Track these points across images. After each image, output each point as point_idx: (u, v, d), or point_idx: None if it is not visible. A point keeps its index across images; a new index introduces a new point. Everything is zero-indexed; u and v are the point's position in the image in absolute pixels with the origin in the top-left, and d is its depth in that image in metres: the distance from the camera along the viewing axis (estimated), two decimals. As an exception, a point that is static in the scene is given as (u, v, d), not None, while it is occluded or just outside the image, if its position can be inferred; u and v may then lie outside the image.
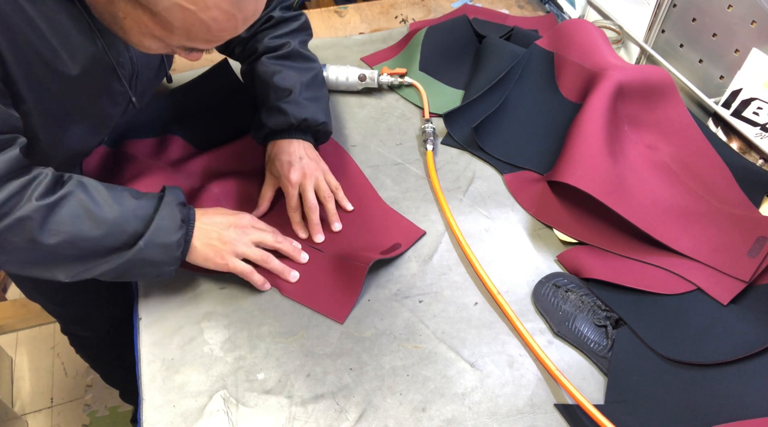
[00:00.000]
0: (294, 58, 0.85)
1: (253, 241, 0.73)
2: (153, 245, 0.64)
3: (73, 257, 0.62)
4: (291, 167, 0.79)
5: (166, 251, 0.66)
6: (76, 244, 0.61)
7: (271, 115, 0.82)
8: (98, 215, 0.62)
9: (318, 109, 0.83)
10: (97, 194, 0.63)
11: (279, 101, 0.81)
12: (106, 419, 1.52)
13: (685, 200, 0.82)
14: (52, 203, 0.59)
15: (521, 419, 0.63)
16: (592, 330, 0.70)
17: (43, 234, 0.59)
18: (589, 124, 0.84)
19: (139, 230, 0.64)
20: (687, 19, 0.98)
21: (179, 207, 0.67)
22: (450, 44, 1.08)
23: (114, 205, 0.63)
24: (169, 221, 0.66)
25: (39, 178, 0.60)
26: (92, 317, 1.09)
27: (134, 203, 0.65)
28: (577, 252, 0.78)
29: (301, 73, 0.84)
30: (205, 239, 0.70)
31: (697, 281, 0.73)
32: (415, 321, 0.72)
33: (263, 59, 0.84)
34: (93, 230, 0.61)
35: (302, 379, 0.66)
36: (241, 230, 0.73)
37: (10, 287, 1.77)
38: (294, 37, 0.86)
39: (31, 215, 0.58)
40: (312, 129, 0.83)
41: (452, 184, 0.89)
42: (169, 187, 0.70)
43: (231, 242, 0.71)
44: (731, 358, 0.65)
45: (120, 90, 0.70)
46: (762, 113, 0.86)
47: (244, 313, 0.72)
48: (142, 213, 0.65)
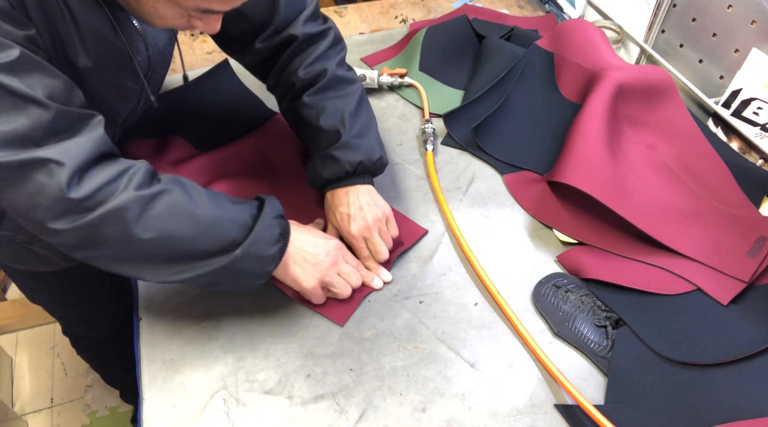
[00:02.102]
0: (335, 87, 0.78)
1: (341, 271, 0.71)
2: (249, 256, 0.61)
3: (164, 257, 0.59)
4: (352, 220, 0.75)
5: (260, 264, 0.63)
6: (169, 242, 0.58)
7: (324, 164, 0.76)
8: (195, 213, 0.59)
9: (371, 144, 0.77)
10: (196, 193, 0.61)
11: (330, 148, 0.76)
12: (106, 419, 1.52)
13: (685, 200, 0.82)
14: (151, 195, 0.57)
15: (521, 419, 0.63)
16: (592, 330, 0.70)
17: (138, 228, 0.56)
18: (589, 125, 0.84)
19: (236, 236, 0.61)
20: (687, 19, 0.98)
21: (278, 220, 0.65)
22: (450, 44, 1.08)
23: (211, 206, 0.61)
24: (268, 232, 0.63)
25: (134, 168, 0.58)
26: (94, 318, 1.10)
27: (233, 207, 0.63)
28: (577, 252, 0.78)
29: (346, 102, 0.78)
30: (300, 259, 0.68)
31: (697, 281, 0.73)
32: (415, 322, 0.72)
33: (304, 99, 0.78)
34: (188, 229, 0.59)
35: (302, 379, 0.66)
36: (334, 258, 0.71)
37: (10, 287, 1.77)
38: (328, 59, 0.79)
39: (128, 206, 0.55)
40: (369, 169, 0.78)
41: (452, 184, 0.89)
42: (268, 198, 0.67)
43: (323, 268, 0.69)
44: (731, 358, 0.65)
45: (133, 88, 0.69)
46: (762, 113, 0.86)
47: (245, 313, 0.72)
48: (241, 219, 0.62)
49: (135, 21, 0.65)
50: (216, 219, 0.61)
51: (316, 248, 0.70)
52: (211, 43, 1.14)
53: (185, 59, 1.10)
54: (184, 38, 1.15)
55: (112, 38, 0.61)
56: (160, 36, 0.70)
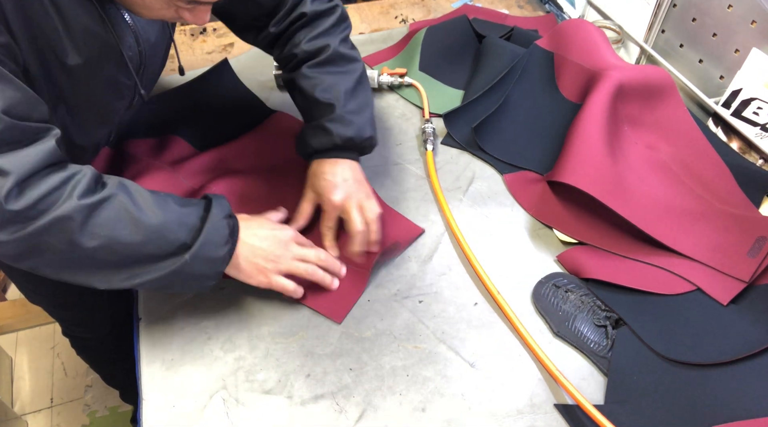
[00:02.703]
0: (336, 62, 0.79)
1: (296, 257, 0.71)
2: (199, 259, 0.61)
3: (112, 264, 0.59)
4: (335, 188, 0.76)
5: (211, 266, 0.63)
6: (116, 249, 0.58)
7: (315, 134, 0.77)
8: (140, 219, 0.58)
9: (363, 123, 0.78)
10: (140, 198, 0.60)
11: (322, 119, 0.77)
12: (106, 419, 1.52)
13: (685, 200, 0.82)
14: (95, 203, 0.56)
15: (521, 419, 0.63)
16: (592, 330, 0.70)
17: (83, 236, 0.55)
18: (589, 125, 0.84)
19: (185, 240, 0.61)
20: (687, 19, 0.98)
21: (227, 220, 0.65)
22: (450, 44, 1.08)
23: (157, 210, 0.60)
24: (217, 234, 0.63)
25: (78, 175, 0.57)
26: (94, 319, 1.09)
27: (179, 211, 0.62)
28: (577, 252, 0.78)
29: (344, 79, 0.79)
30: (250, 255, 0.67)
31: (697, 281, 0.73)
32: (414, 321, 0.72)
33: (303, 70, 0.79)
34: (134, 235, 0.58)
35: (302, 379, 0.66)
36: (285, 245, 0.70)
37: (10, 287, 1.77)
38: (333, 35, 0.80)
39: (71, 215, 0.54)
40: (358, 146, 0.79)
41: (452, 184, 0.89)
42: (215, 197, 0.66)
43: (275, 259, 0.69)
44: (731, 358, 0.65)
45: (126, 83, 0.69)
46: (762, 113, 0.86)
47: (244, 313, 0.72)
48: (188, 222, 0.62)
49: (126, 15, 0.64)
50: (163, 223, 0.60)
51: (266, 241, 0.69)
52: (211, 43, 1.14)
53: (185, 60, 1.10)
54: (184, 38, 1.15)
55: (102, 33, 0.61)
56: (151, 30, 0.70)
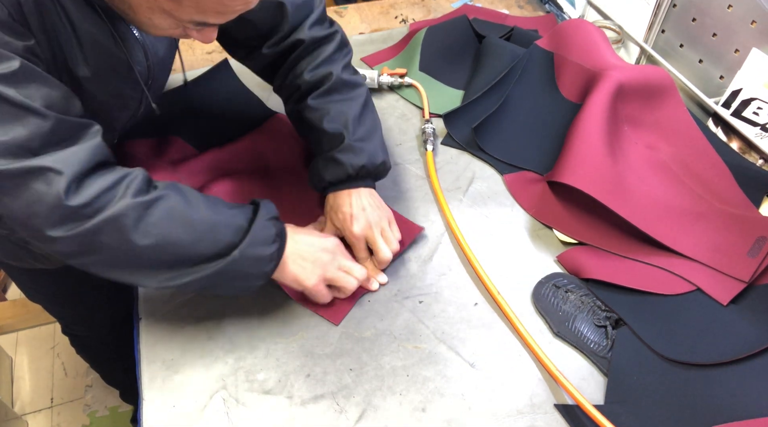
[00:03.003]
0: (340, 90, 0.78)
1: (342, 267, 0.72)
2: (246, 257, 0.62)
3: (163, 263, 0.60)
4: (354, 220, 0.75)
5: (258, 264, 0.64)
6: (167, 248, 0.59)
7: (327, 166, 0.77)
8: (192, 219, 0.60)
9: (374, 148, 0.78)
10: (193, 198, 0.62)
11: (333, 151, 0.76)
12: (106, 419, 1.52)
13: (685, 200, 0.82)
14: (148, 202, 0.58)
15: (521, 419, 0.63)
16: (591, 330, 0.70)
17: (137, 234, 0.57)
18: (589, 125, 0.84)
19: (233, 240, 0.62)
20: (687, 19, 0.98)
21: (273, 221, 0.66)
22: (450, 44, 1.08)
23: (208, 211, 0.61)
24: (264, 233, 0.64)
25: (131, 175, 0.58)
26: (93, 318, 1.10)
27: (229, 212, 0.63)
28: (577, 252, 0.78)
29: (350, 106, 0.78)
30: (298, 258, 0.68)
31: (697, 281, 0.73)
32: (414, 321, 0.72)
33: (308, 101, 0.78)
34: (186, 235, 0.59)
35: (302, 379, 0.66)
36: (332, 254, 0.71)
37: (10, 287, 1.77)
38: (335, 63, 0.79)
39: (126, 213, 0.56)
40: (371, 173, 0.78)
41: (452, 184, 0.89)
42: (263, 201, 0.67)
43: (323, 265, 0.70)
44: (731, 358, 0.65)
45: (132, 95, 0.70)
46: (762, 113, 0.86)
47: (244, 313, 0.72)
48: (237, 222, 0.63)
49: (135, 31, 0.65)
50: (213, 223, 0.61)
51: (313, 247, 0.70)
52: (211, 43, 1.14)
53: (185, 59, 1.10)
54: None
55: (112, 48, 0.62)
56: (160, 45, 0.71)
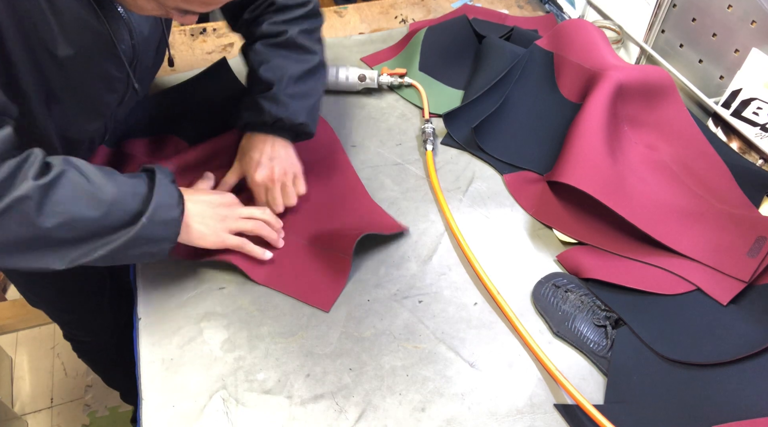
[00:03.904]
0: (289, 48, 0.81)
1: (242, 216, 0.74)
2: (155, 222, 0.63)
3: (71, 240, 0.60)
4: (258, 167, 0.78)
5: (167, 228, 0.65)
6: (75, 225, 0.59)
7: (248, 108, 0.80)
8: (96, 194, 0.60)
9: (300, 108, 0.79)
10: (91, 173, 0.61)
11: (258, 95, 0.79)
12: (106, 419, 1.52)
13: (684, 200, 0.82)
14: (49, 183, 0.57)
15: (521, 419, 0.63)
16: (591, 330, 0.70)
17: (41, 216, 0.56)
18: (588, 125, 0.84)
19: (139, 208, 0.62)
20: (687, 19, 0.98)
21: (173, 184, 0.67)
22: (450, 44, 1.08)
23: (109, 184, 0.61)
24: (167, 197, 0.65)
25: (31, 157, 0.58)
26: (95, 323, 1.09)
27: (128, 182, 0.64)
28: (576, 252, 0.78)
29: (293, 65, 0.80)
30: (199, 217, 0.70)
31: (696, 281, 0.73)
32: (414, 321, 0.72)
33: (256, 45, 0.81)
34: (93, 210, 0.59)
35: (302, 379, 0.66)
36: (230, 206, 0.74)
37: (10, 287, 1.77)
38: (294, 24, 0.81)
39: (29, 195, 0.55)
40: (289, 129, 0.80)
41: (452, 184, 0.89)
42: (157, 166, 0.68)
43: (223, 218, 0.72)
44: (731, 358, 0.65)
45: (117, 76, 0.69)
46: (762, 113, 0.86)
47: (244, 313, 0.72)
48: (139, 191, 0.64)
49: (120, 8, 0.64)
50: (116, 195, 0.61)
51: (212, 204, 0.73)
52: (211, 43, 1.14)
53: (185, 59, 1.10)
54: (184, 38, 1.15)
55: (95, 25, 0.61)
56: (145, 23, 0.70)
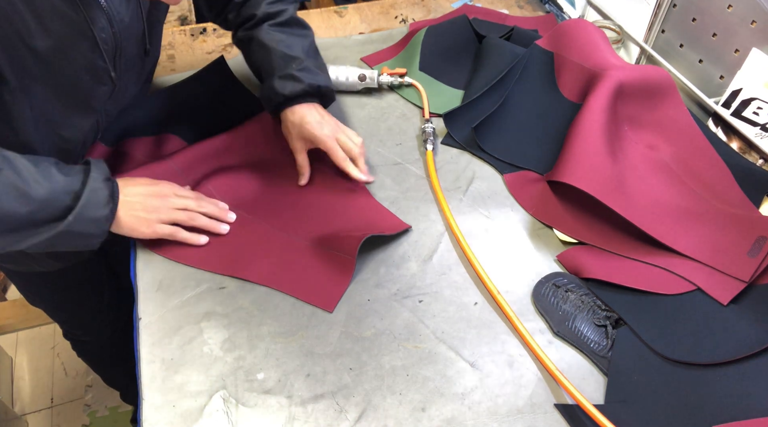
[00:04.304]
0: (292, 26, 0.87)
1: (176, 207, 0.75)
2: (82, 219, 0.65)
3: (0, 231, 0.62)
4: (321, 126, 0.82)
5: (95, 225, 0.67)
6: (4, 220, 0.60)
7: (284, 83, 0.83)
8: (27, 192, 0.61)
9: (326, 77, 0.86)
10: (25, 170, 0.62)
11: (290, 69, 0.83)
12: (106, 419, 1.52)
13: (685, 200, 0.82)
14: None
15: (521, 419, 0.63)
16: (592, 330, 0.70)
17: None
18: (589, 124, 0.84)
19: (69, 204, 0.64)
20: (687, 19, 0.98)
21: (106, 182, 0.68)
22: (450, 44, 1.08)
23: (43, 181, 0.62)
24: (97, 195, 0.66)
25: None
26: (94, 322, 1.09)
27: (62, 179, 0.65)
28: (577, 252, 0.78)
29: (303, 41, 0.86)
30: (130, 210, 0.71)
31: (697, 281, 0.73)
32: (414, 321, 0.72)
33: (265, 27, 0.85)
34: (22, 207, 0.61)
35: (302, 379, 0.66)
36: (163, 197, 0.75)
37: (10, 287, 1.77)
38: (289, 3, 0.88)
39: None
40: (323, 95, 0.86)
41: (452, 184, 0.89)
42: (94, 161, 0.69)
43: (155, 210, 0.73)
44: (731, 358, 0.65)
45: (103, 67, 0.69)
46: (762, 113, 0.86)
47: (244, 313, 0.72)
48: (72, 188, 0.65)
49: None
50: (48, 192, 0.62)
51: (143, 196, 0.73)
52: (210, 43, 1.14)
53: (185, 59, 1.10)
54: (183, 38, 1.15)
55: (72, 14, 0.61)
56: (124, 11, 0.69)
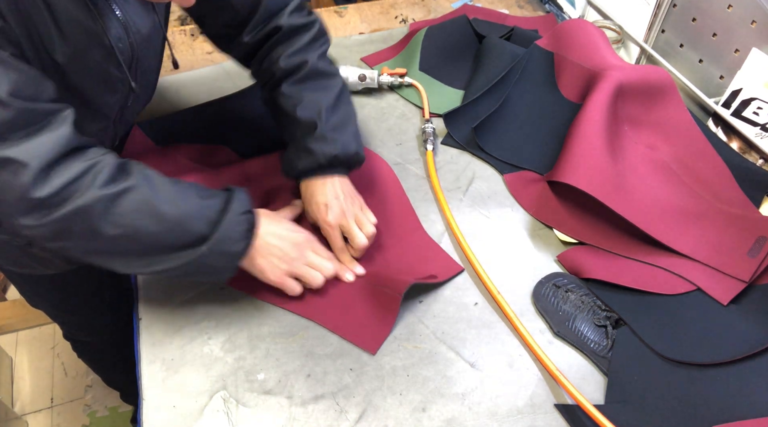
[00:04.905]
0: (314, 79, 0.79)
1: (310, 263, 0.72)
2: (216, 252, 0.63)
3: (133, 251, 0.61)
4: (328, 209, 0.76)
5: (227, 260, 0.65)
6: (136, 238, 0.60)
7: (299, 156, 0.77)
8: (161, 211, 0.60)
9: (347, 138, 0.77)
10: (162, 189, 0.62)
11: (305, 140, 0.76)
12: (106, 419, 1.52)
13: (685, 200, 0.82)
14: (115, 194, 0.58)
15: (521, 419, 0.63)
16: (592, 330, 0.70)
17: (104, 225, 0.58)
18: (589, 125, 0.84)
19: (203, 232, 0.63)
20: (687, 19, 0.98)
21: (245, 216, 0.66)
22: (450, 44, 1.08)
23: (178, 202, 0.62)
24: (234, 229, 0.64)
25: (101, 163, 0.59)
26: (95, 324, 1.09)
27: (199, 203, 0.64)
28: (577, 252, 0.78)
29: (324, 95, 0.78)
30: (266, 253, 0.69)
31: (697, 281, 0.73)
32: (414, 321, 0.72)
33: (282, 88, 0.78)
34: (154, 226, 0.60)
35: (302, 379, 0.66)
36: (300, 249, 0.72)
37: (10, 287, 1.77)
38: (311, 51, 0.79)
39: (93, 204, 0.57)
40: (344, 163, 0.78)
41: (452, 184, 0.89)
42: (237, 190, 0.67)
43: (289, 261, 0.70)
44: (731, 358, 0.65)
45: (118, 76, 0.68)
46: (762, 113, 0.86)
47: (244, 313, 0.72)
48: (208, 215, 0.63)
49: (114, 6, 0.64)
50: (182, 215, 0.62)
51: (283, 241, 0.70)
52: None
53: (185, 59, 1.10)
54: (184, 38, 1.15)
55: (90, 24, 0.61)
56: (141, 22, 0.69)
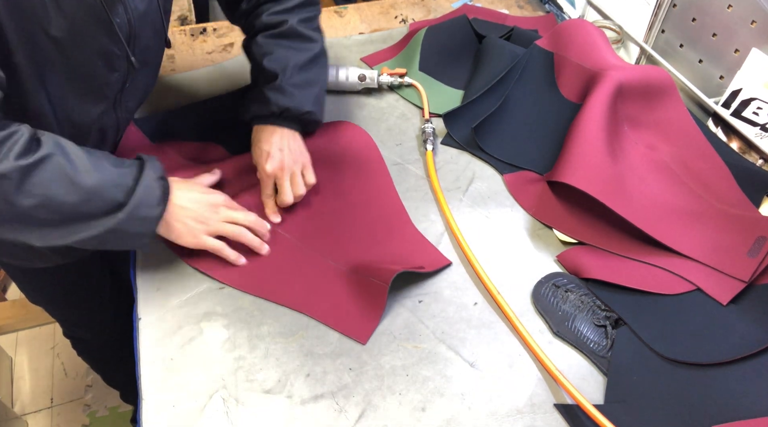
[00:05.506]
0: (291, 38, 0.82)
1: (225, 219, 0.74)
2: (133, 218, 0.64)
3: (49, 222, 0.61)
4: (269, 158, 0.79)
5: (144, 225, 0.66)
6: (52, 208, 0.59)
7: (254, 100, 0.81)
8: (77, 180, 0.60)
9: (305, 97, 0.80)
10: (77, 159, 0.61)
11: (264, 86, 0.80)
12: (106, 419, 1.52)
13: (685, 200, 0.82)
14: (31, 165, 0.58)
15: (521, 419, 0.63)
16: (591, 330, 0.70)
17: (19, 195, 0.57)
18: (589, 125, 0.84)
19: (120, 200, 0.63)
20: (687, 19, 0.98)
21: (159, 181, 0.67)
22: (450, 44, 1.08)
23: (93, 171, 0.62)
24: (149, 194, 0.65)
25: (16, 135, 0.58)
26: (95, 321, 1.09)
27: (114, 172, 0.64)
28: (576, 252, 0.78)
29: (296, 54, 0.81)
30: (180, 216, 0.70)
31: (696, 281, 0.73)
32: (414, 321, 0.72)
33: (258, 38, 0.82)
34: (70, 195, 0.60)
35: (302, 379, 0.66)
36: (215, 208, 0.74)
37: (10, 287, 1.77)
38: (294, 14, 0.82)
39: (7, 174, 0.56)
40: (296, 118, 0.81)
41: (452, 184, 0.89)
42: (148, 157, 0.68)
43: (204, 220, 0.72)
44: (731, 358, 0.65)
45: (117, 53, 0.68)
46: (762, 113, 0.86)
47: (244, 313, 0.72)
48: (123, 183, 0.64)
49: None
50: (98, 184, 0.62)
51: (196, 204, 0.72)
52: (211, 43, 1.14)
53: (185, 59, 1.10)
54: (184, 38, 1.15)
55: None
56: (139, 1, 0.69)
